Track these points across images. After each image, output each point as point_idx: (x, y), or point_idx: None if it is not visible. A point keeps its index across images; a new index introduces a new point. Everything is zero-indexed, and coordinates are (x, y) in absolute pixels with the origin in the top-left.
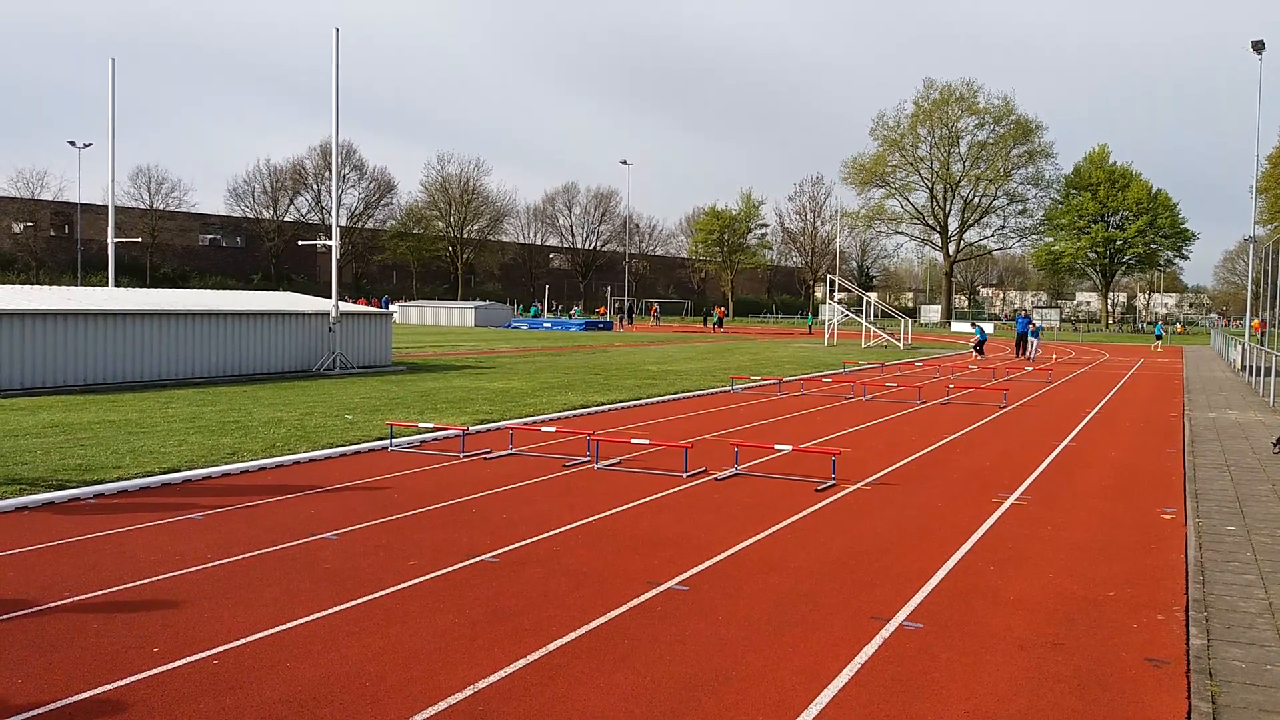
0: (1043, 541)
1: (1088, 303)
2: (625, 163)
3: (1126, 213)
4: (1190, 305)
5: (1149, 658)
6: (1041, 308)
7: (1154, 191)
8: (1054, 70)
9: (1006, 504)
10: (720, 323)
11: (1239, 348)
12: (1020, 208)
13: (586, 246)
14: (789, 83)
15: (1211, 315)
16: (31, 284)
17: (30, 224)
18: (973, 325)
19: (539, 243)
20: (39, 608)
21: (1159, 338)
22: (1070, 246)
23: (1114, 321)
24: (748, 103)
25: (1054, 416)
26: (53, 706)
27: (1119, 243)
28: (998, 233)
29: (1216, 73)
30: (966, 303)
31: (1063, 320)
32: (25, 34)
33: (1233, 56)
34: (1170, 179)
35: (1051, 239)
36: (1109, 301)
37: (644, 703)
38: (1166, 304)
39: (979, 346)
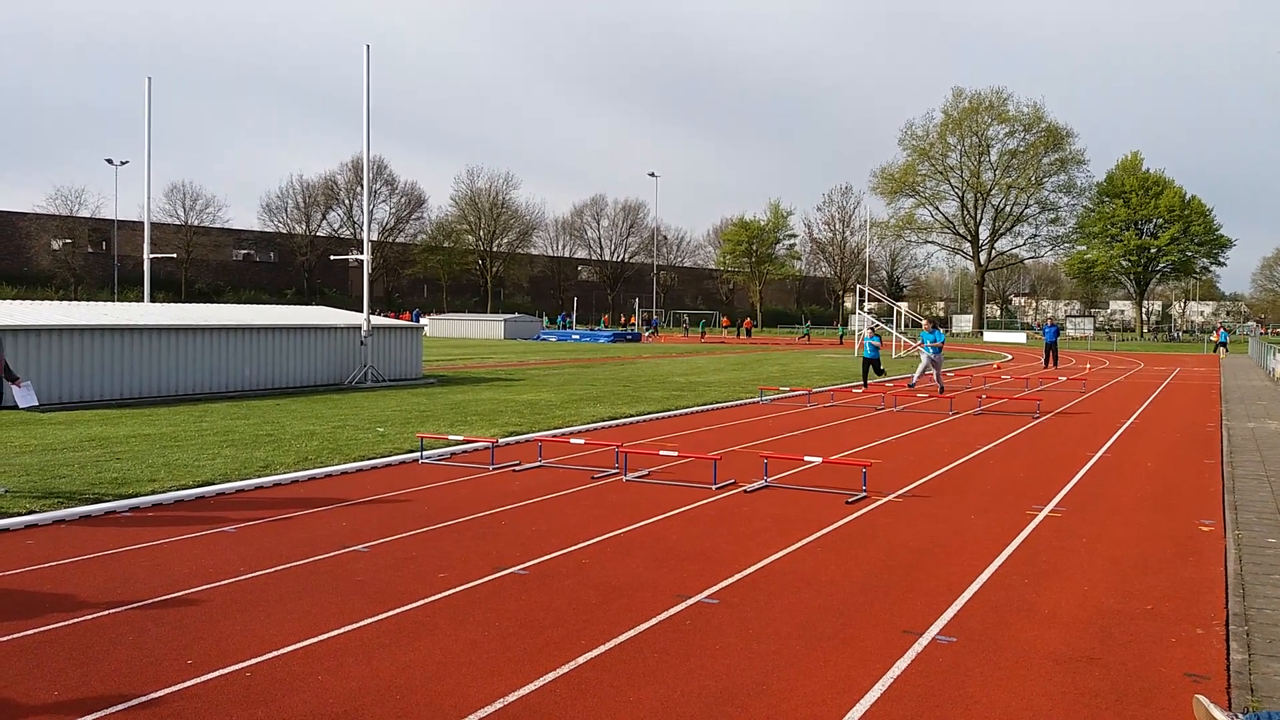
0: (1078, 554)
1: (1122, 311)
2: (653, 175)
3: (1160, 220)
4: (1228, 313)
5: (1189, 673)
6: (1075, 317)
7: (1187, 198)
8: (1084, 76)
9: (1041, 516)
10: (748, 332)
11: (1278, 356)
12: (1052, 216)
13: (614, 258)
14: (816, 92)
15: (1249, 323)
16: (69, 300)
17: (68, 241)
18: (871, 331)
19: (567, 255)
20: (75, 619)
21: (1223, 345)
22: (1103, 255)
23: (1149, 330)
24: (776, 113)
25: (1088, 427)
26: (88, 718)
27: (1153, 251)
28: (1029, 241)
29: (1251, 77)
30: (999, 312)
31: (1096, 329)
32: (64, 55)
33: (1267, 60)
34: (1207, 185)
35: (1084, 247)
36: (1144, 310)
37: (674, 717)
38: (1203, 312)
39: (872, 366)
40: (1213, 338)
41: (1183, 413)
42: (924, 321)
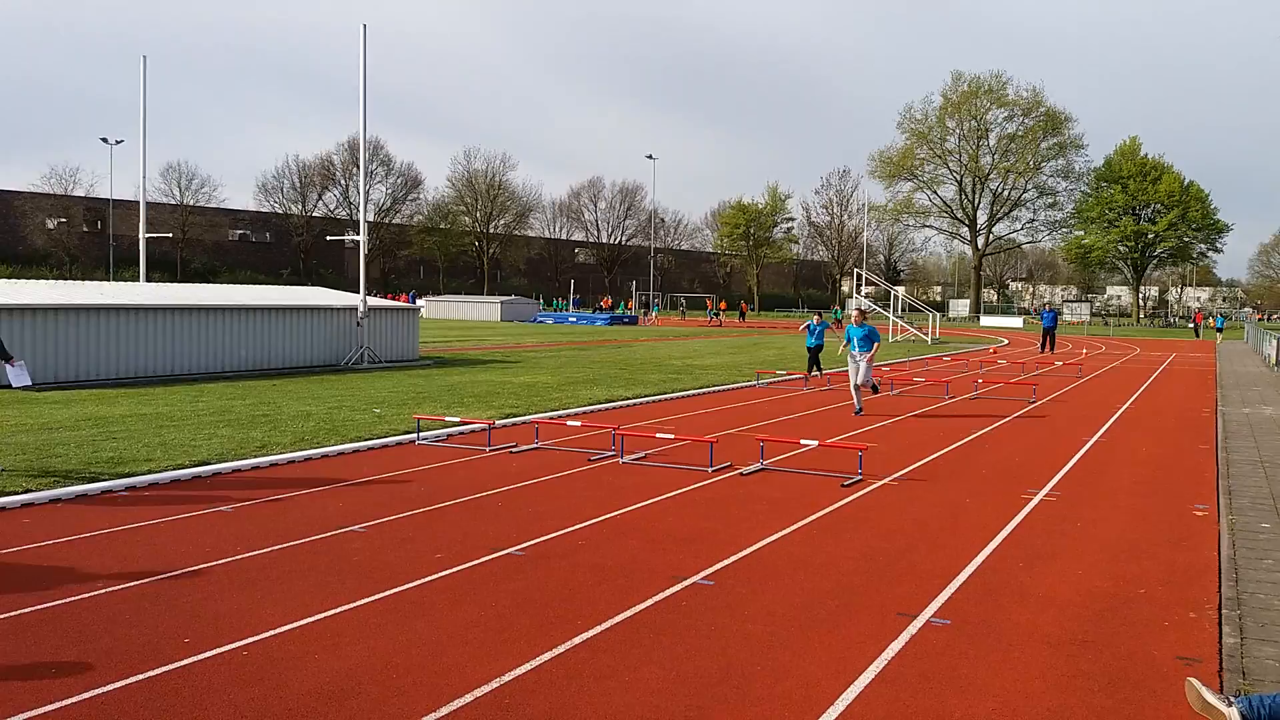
0: (1072, 538)
1: (1119, 297)
2: (651, 157)
3: (1158, 205)
4: (1224, 299)
5: (1181, 656)
6: (1072, 301)
7: (1186, 184)
8: (1084, 61)
9: (1035, 500)
10: (743, 315)
11: (1274, 342)
12: (1050, 201)
13: (612, 241)
14: (816, 76)
15: (1246, 309)
16: (65, 279)
17: (63, 220)
18: (817, 319)
19: (564, 237)
20: (72, 598)
21: (1219, 330)
22: (1100, 240)
23: (1145, 316)
24: (774, 96)
25: (1084, 411)
26: (85, 696)
27: (1150, 236)
28: (1027, 226)
29: (1250, 64)
30: (996, 296)
31: (1093, 315)
32: (59, 33)
33: (1266, 47)
34: (1205, 170)
35: (1082, 232)
36: (1140, 295)
37: (669, 697)
38: (1200, 298)
39: (813, 360)
40: (1209, 322)
41: (1178, 398)
42: (854, 312)
